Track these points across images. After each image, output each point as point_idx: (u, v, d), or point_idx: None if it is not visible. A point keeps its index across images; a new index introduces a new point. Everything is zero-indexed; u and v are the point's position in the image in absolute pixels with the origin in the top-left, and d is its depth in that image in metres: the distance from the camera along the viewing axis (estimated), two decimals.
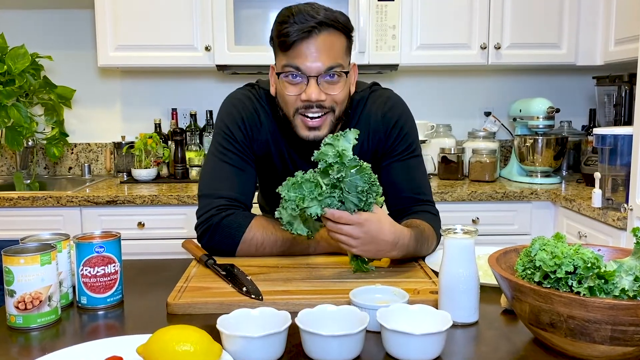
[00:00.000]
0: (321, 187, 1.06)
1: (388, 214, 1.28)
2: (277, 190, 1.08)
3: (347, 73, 1.28)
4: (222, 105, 1.43)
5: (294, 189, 1.07)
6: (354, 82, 1.37)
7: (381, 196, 1.13)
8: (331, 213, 1.07)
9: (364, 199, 1.07)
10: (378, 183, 1.09)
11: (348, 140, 1.09)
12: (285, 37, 1.22)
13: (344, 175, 1.05)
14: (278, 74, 1.28)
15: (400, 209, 1.37)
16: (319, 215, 1.07)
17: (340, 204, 1.08)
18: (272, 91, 1.35)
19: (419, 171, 1.41)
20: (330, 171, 1.06)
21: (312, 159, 1.09)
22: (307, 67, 1.23)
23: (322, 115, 1.28)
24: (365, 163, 1.07)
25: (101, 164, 3.04)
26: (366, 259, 1.19)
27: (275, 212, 1.10)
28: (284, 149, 1.40)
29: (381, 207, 1.16)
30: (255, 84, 1.45)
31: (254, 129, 1.38)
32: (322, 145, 1.08)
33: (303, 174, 1.08)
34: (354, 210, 1.08)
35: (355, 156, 1.07)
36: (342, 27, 1.26)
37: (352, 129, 1.10)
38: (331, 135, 1.09)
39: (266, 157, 1.41)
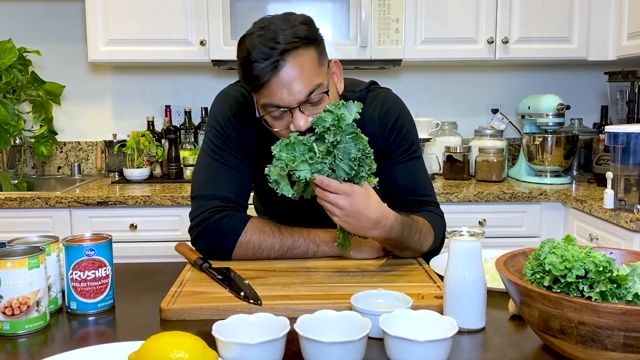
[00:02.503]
0: (314, 152, 1.08)
1: None
2: (271, 147, 1.09)
3: (327, 92, 1.23)
4: (213, 102, 1.43)
5: (286, 149, 1.09)
6: (340, 78, 1.33)
7: (376, 178, 1.15)
8: (320, 179, 1.09)
9: (355, 167, 1.09)
10: (372, 157, 1.11)
11: (350, 111, 1.10)
12: (253, 80, 1.18)
13: (339, 139, 1.07)
14: (261, 116, 1.24)
15: (403, 211, 1.36)
16: (307, 179, 1.09)
17: (331, 171, 1.10)
18: (258, 113, 1.28)
19: (420, 172, 1.41)
20: (326, 136, 1.08)
21: (310, 123, 1.11)
22: (286, 102, 1.19)
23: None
24: (363, 135, 1.09)
25: (92, 164, 3.04)
26: (349, 236, 1.20)
27: (265, 169, 1.11)
28: None
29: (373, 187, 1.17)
30: None
31: (247, 126, 1.38)
32: (322, 111, 1.10)
33: (298, 135, 1.10)
34: (344, 179, 1.10)
35: (354, 123, 1.08)
36: (306, 40, 1.19)
37: (355, 102, 1.10)
38: (333, 103, 1.10)
39: (261, 155, 1.41)
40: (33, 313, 0.95)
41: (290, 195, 1.13)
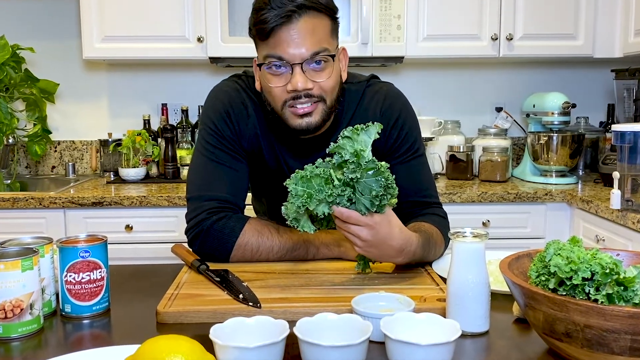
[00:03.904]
0: (332, 183, 1.06)
1: None
2: (284, 184, 1.08)
3: (333, 57, 1.26)
4: (206, 99, 1.42)
5: (302, 182, 1.06)
6: (344, 67, 1.36)
7: (395, 198, 1.13)
8: (339, 212, 1.07)
9: (377, 202, 1.06)
10: (394, 184, 1.08)
11: (369, 134, 1.08)
12: (262, 24, 1.21)
13: (359, 176, 1.05)
14: (259, 65, 1.26)
15: (406, 212, 1.36)
16: (326, 214, 1.07)
17: (349, 202, 1.07)
18: (258, 86, 1.33)
19: (423, 172, 1.41)
20: (344, 167, 1.06)
21: (327, 151, 1.09)
22: (290, 55, 1.22)
23: (312, 103, 1.27)
24: (383, 164, 1.06)
25: (86, 163, 3.04)
26: (370, 261, 1.20)
27: (282, 208, 1.09)
28: (275, 142, 1.39)
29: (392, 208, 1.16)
30: (242, 74, 1.44)
31: (242, 123, 1.37)
32: (340, 137, 1.08)
33: (314, 167, 1.08)
34: (364, 213, 1.08)
35: (374, 157, 1.06)
36: (324, 7, 1.24)
37: (375, 123, 1.09)
38: (351, 128, 1.08)
39: (256, 153, 1.40)
40: (26, 316, 0.95)
41: (312, 232, 1.11)
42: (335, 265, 1.28)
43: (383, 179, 1.06)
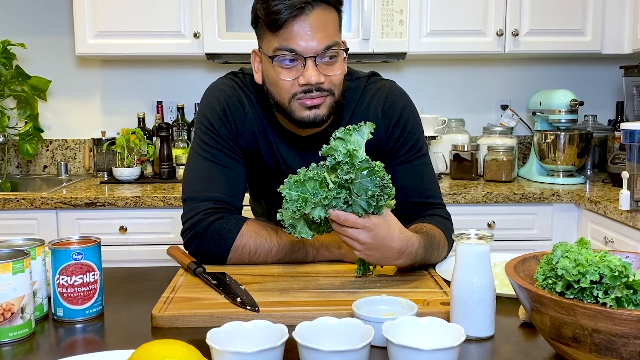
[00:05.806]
0: (327, 186, 1.06)
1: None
2: (278, 190, 1.08)
3: (346, 50, 1.29)
4: (203, 97, 1.42)
5: (296, 187, 1.07)
6: (344, 63, 1.37)
7: (393, 199, 1.13)
8: (336, 215, 1.07)
9: (374, 203, 1.07)
10: (391, 184, 1.09)
11: (362, 134, 1.08)
12: (275, 15, 1.21)
13: (353, 177, 1.05)
14: (272, 58, 1.26)
15: (409, 214, 1.36)
16: (322, 218, 1.07)
17: (345, 205, 1.08)
18: (257, 78, 1.34)
19: (426, 172, 1.41)
20: (338, 169, 1.06)
21: (320, 154, 1.09)
22: (303, 48, 1.23)
23: (321, 97, 1.28)
24: (377, 163, 1.07)
25: (79, 163, 3.04)
26: (371, 265, 1.20)
27: (277, 214, 1.10)
28: (273, 141, 1.40)
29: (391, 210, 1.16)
30: (239, 71, 1.44)
31: (239, 122, 1.38)
32: (332, 139, 1.08)
33: (307, 170, 1.08)
34: (362, 215, 1.08)
35: (367, 157, 1.06)
36: (335, 5, 1.27)
37: (367, 123, 1.10)
38: (343, 128, 1.08)
39: (254, 152, 1.41)
40: (17, 320, 0.95)
41: (309, 237, 1.12)
42: (335, 267, 1.28)
43: (378, 179, 1.06)
